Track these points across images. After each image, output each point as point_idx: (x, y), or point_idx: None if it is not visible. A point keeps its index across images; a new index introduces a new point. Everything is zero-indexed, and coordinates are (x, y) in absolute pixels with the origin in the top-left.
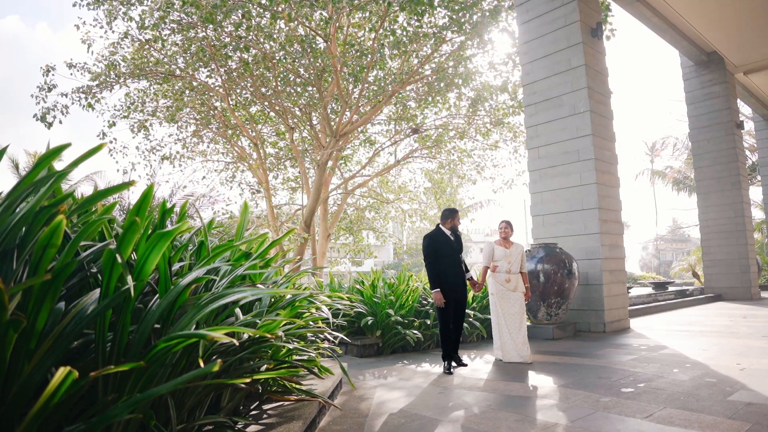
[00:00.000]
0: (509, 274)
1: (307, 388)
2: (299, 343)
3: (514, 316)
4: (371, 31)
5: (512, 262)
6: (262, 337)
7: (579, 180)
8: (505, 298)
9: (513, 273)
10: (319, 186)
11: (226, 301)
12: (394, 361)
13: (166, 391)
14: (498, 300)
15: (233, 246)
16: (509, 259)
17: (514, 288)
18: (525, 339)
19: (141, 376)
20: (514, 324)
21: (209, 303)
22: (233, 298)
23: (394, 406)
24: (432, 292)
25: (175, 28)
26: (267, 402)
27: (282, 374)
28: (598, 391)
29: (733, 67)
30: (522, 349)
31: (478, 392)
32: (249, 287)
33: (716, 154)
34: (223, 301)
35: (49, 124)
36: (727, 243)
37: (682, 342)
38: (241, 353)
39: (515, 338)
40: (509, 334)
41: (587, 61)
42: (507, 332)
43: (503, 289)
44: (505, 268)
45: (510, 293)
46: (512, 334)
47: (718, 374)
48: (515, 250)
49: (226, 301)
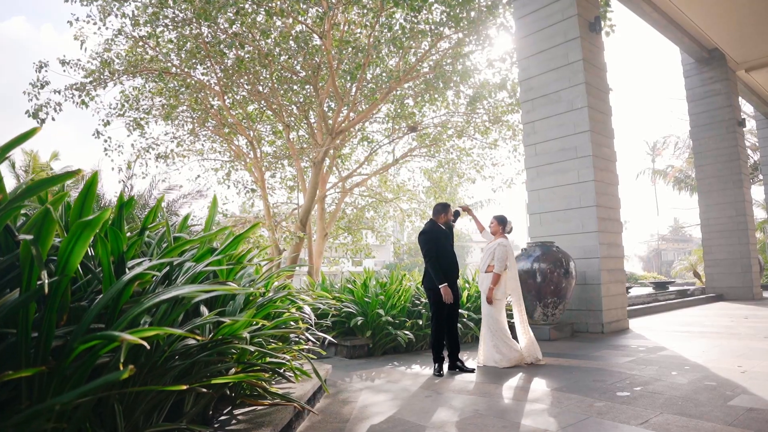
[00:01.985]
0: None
1: (284, 392)
2: (276, 345)
3: (487, 318)
4: (366, 28)
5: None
6: (224, 338)
7: (577, 177)
8: (482, 298)
9: (481, 272)
10: (315, 184)
11: (162, 299)
12: (384, 363)
13: (69, 400)
14: (497, 303)
15: (192, 241)
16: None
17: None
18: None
19: (67, 381)
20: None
21: (148, 301)
22: (169, 296)
23: (377, 410)
24: (440, 288)
25: (169, 24)
26: (240, 406)
27: (241, 378)
28: (592, 395)
29: (735, 64)
30: (490, 351)
31: (466, 396)
32: (200, 285)
33: (718, 153)
34: (161, 298)
35: (41, 120)
36: (729, 242)
37: (682, 343)
38: (197, 356)
39: (490, 341)
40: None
41: (585, 55)
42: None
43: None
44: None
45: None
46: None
47: (719, 377)
48: (490, 247)
49: (162, 298)
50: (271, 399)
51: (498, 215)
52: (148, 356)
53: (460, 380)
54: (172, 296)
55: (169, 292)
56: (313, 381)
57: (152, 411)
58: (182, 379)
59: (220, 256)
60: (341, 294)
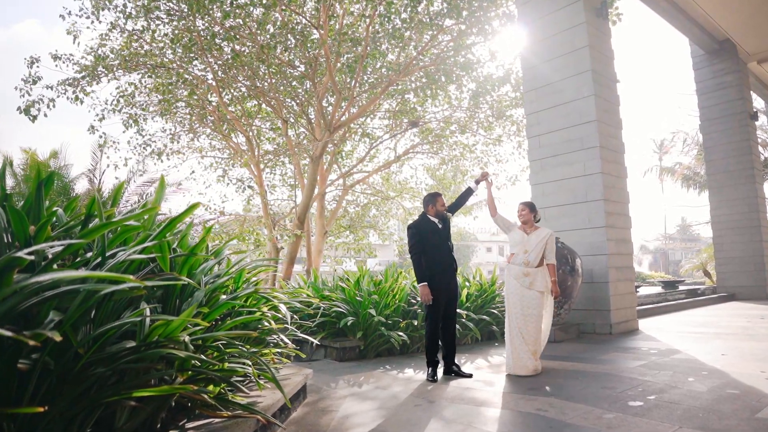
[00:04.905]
0: (527, 267)
1: (251, 401)
2: (240, 350)
3: (524, 318)
4: (364, 18)
5: (529, 251)
6: (159, 342)
7: (583, 169)
8: (518, 295)
9: (531, 265)
10: (313, 180)
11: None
12: (376, 366)
13: None
14: (511, 297)
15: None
16: (526, 247)
17: (530, 284)
18: (535, 348)
19: None
20: (523, 328)
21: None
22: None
23: (359, 421)
24: (419, 287)
25: (164, 18)
26: (197, 418)
27: (166, 391)
28: (600, 405)
29: (746, 55)
30: (526, 359)
31: (460, 405)
32: (75, 271)
33: (729, 147)
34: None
35: (33, 117)
36: (741, 240)
37: (697, 345)
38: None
39: (524, 344)
40: (519, 340)
41: (591, 42)
42: (517, 337)
43: (517, 284)
44: (521, 259)
45: (525, 290)
46: (522, 340)
47: (741, 384)
48: (535, 237)
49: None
50: (233, 410)
51: (527, 201)
52: (61, 362)
53: (455, 387)
54: (34, 282)
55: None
56: (290, 386)
57: (70, 424)
58: (108, 390)
59: (153, 243)
60: (332, 292)
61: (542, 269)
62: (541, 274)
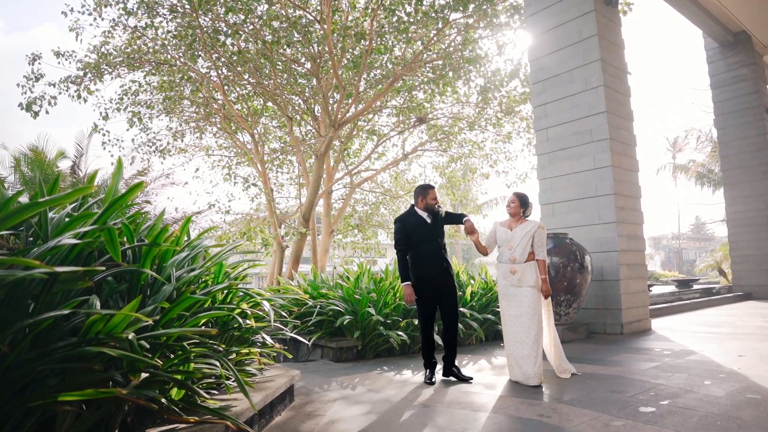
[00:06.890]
0: (513, 264)
1: (225, 404)
2: (208, 349)
3: (517, 319)
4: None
5: (514, 247)
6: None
7: (592, 163)
8: (507, 295)
9: (517, 262)
10: (318, 177)
11: None
12: (373, 367)
13: None
14: (501, 298)
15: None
16: (510, 243)
17: (518, 282)
18: (533, 352)
19: None
20: (518, 330)
21: None
22: None
23: (345, 427)
24: (402, 286)
25: (167, 15)
26: (162, 423)
27: (91, 396)
28: (609, 411)
29: (762, 47)
30: (524, 364)
31: (456, 410)
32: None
33: (744, 142)
34: None
35: (35, 113)
36: (758, 237)
37: (712, 346)
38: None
39: (520, 349)
40: (515, 344)
41: (600, 31)
42: (513, 341)
43: (505, 283)
44: (507, 256)
45: (513, 289)
46: (518, 344)
47: (762, 388)
48: (520, 231)
49: None
50: (201, 415)
51: (520, 193)
52: None
53: (454, 390)
54: None
55: None
56: (266, 392)
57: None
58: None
59: (92, 227)
60: (330, 290)
61: (531, 264)
62: (530, 270)
